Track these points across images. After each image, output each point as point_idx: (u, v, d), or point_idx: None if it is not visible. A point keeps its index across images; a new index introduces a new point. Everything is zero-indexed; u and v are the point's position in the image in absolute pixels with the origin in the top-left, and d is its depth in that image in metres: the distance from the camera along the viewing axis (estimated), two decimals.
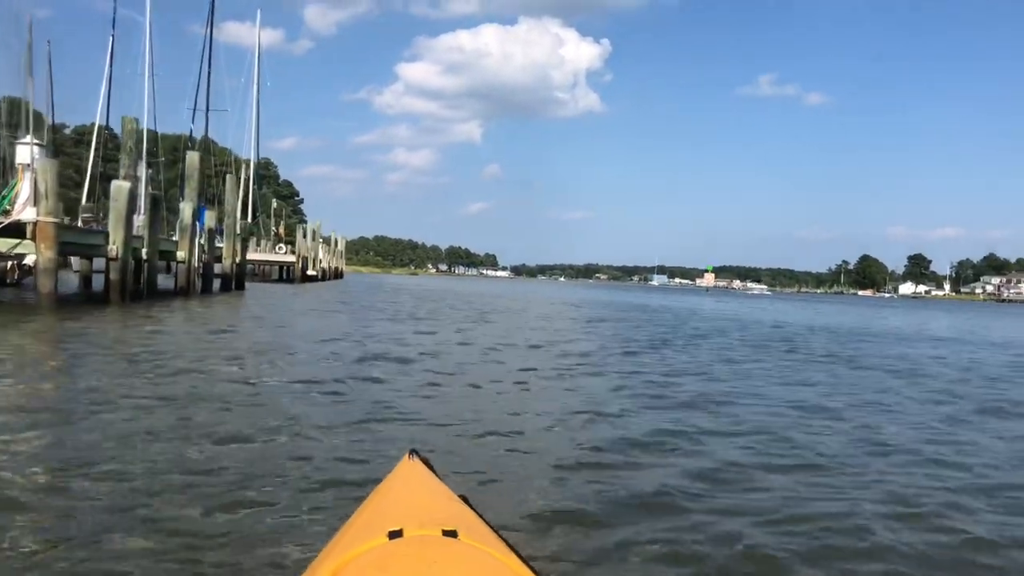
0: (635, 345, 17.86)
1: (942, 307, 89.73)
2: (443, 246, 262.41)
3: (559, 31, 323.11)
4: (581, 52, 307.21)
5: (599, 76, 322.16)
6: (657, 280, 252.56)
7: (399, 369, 11.26)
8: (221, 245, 32.34)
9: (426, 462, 2.73)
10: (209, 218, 30.22)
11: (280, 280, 55.29)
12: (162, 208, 27.87)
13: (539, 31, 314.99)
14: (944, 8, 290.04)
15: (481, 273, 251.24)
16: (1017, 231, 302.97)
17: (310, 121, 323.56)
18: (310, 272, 54.76)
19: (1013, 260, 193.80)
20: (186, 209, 26.54)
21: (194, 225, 27.03)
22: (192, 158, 28.32)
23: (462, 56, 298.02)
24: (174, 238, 27.90)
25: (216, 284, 32.15)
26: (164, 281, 27.92)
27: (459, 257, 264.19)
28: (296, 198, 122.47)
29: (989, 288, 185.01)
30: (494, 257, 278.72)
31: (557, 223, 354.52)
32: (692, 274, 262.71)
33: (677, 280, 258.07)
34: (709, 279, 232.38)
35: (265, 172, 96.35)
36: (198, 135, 43.70)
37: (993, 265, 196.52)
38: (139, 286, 23.86)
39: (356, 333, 16.87)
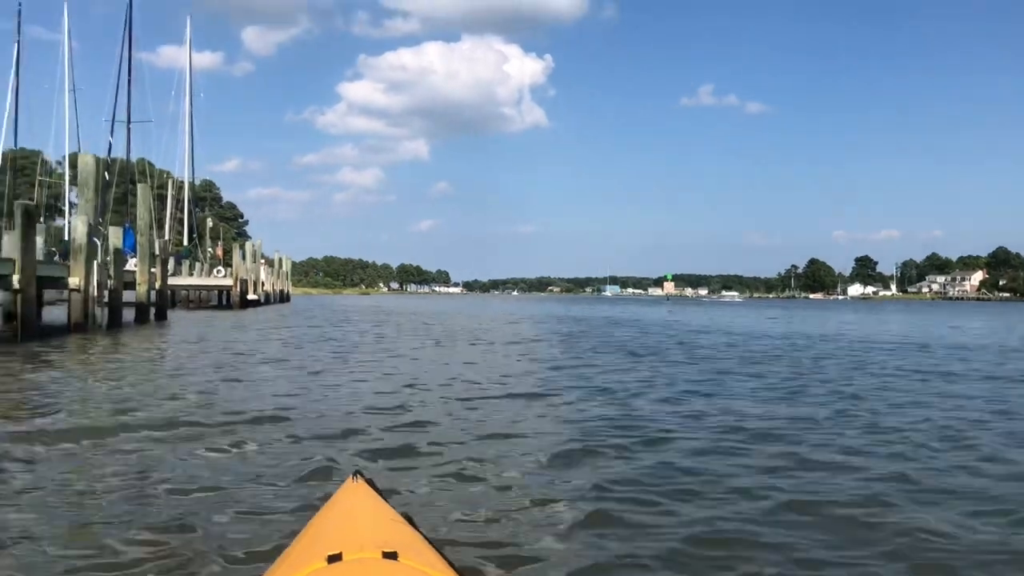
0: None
1: (914, 308, 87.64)
2: (394, 264, 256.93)
3: (502, 47, 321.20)
4: (525, 68, 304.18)
5: (543, 91, 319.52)
6: (610, 291, 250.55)
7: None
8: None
9: (371, 483, 2.67)
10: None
11: (219, 307, 49.48)
12: (36, 222, 21.97)
13: (483, 48, 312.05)
14: (880, 18, 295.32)
15: (433, 290, 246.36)
16: (953, 231, 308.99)
17: (253, 143, 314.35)
18: (251, 296, 49.07)
19: (954, 259, 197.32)
20: (78, 225, 20.66)
21: (92, 246, 21.51)
22: (86, 161, 22.13)
23: (405, 74, 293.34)
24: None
25: (131, 315, 26.63)
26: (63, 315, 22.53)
27: (410, 275, 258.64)
28: (240, 219, 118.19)
29: (935, 287, 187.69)
30: (446, 274, 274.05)
31: (508, 237, 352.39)
32: (644, 283, 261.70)
33: (630, 290, 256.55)
34: (669, 287, 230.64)
35: (207, 194, 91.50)
36: (119, 152, 37.52)
37: (935, 264, 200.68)
38: (15, 322, 18.12)
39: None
